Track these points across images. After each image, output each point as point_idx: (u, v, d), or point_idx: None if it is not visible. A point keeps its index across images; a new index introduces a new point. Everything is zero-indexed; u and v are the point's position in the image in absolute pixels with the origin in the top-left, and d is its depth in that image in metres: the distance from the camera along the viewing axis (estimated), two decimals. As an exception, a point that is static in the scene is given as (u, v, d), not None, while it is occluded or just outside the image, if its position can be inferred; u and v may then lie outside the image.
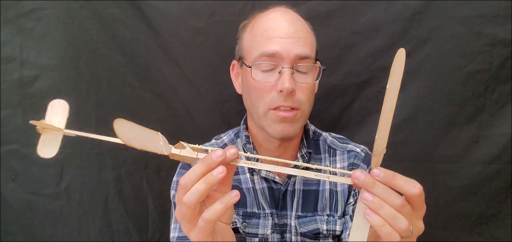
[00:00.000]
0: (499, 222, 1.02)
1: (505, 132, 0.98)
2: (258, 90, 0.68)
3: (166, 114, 1.06)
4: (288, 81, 0.64)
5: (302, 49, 0.67)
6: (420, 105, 1.00)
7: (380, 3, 0.97)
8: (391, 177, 0.44)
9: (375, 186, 0.44)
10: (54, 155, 0.47)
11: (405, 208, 0.44)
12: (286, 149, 0.76)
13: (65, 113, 0.48)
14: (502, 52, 0.95)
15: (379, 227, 0.44)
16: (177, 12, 1.00)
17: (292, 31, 0.67)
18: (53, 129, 0.47)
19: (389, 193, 0.44)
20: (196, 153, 0.48)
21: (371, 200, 0.44)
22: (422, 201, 0.45)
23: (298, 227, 0.74)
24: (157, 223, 1.09)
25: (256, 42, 0.69)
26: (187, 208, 0.45)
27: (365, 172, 0.45)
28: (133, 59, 1.03)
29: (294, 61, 0.66)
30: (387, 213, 0.43)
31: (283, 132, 0.68)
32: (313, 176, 0.48)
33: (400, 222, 0.43)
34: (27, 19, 1.00)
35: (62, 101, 0.49)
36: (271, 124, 0.68)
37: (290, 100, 0.66)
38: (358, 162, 0.78)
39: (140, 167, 1.08)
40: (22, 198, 1.07)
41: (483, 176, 1.00)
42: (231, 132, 0.83)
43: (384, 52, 0.99)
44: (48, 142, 0.47)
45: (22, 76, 1.02)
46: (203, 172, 0.45)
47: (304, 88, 0.68)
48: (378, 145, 0.45)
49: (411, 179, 0.45)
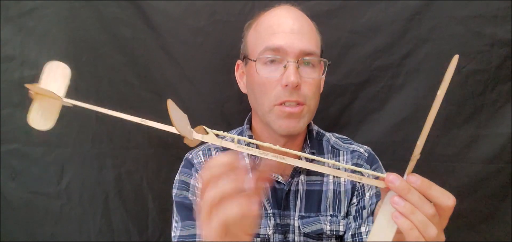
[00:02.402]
0: (498, 221, 1.02)
1: (504, 131, 0.98)
2: (263, 86, 0.68)
3: (166, 113, 1.05)
4: (293, 74, 0.64)
5: (307, 44, 0.67)
6: (419, 105, 1.00)
7: (380, 3, 0.98)
8: (428, 187, 0.44)
9: (410, 192, 0.43)
10: (50, 127, 0.39)
11: (435, 219, 0.43)
12: (289, 148, 0.75)
13: (66, 79, 0.40)
14: (501, 52, 0.95)
15: (407, 230, 0.42)
16: (177, 12, 1.00)
17: (296, 27, 0.67)
18: (50, 96, 0.39)
19: (423, 201, 0.43)
20: (220, 140, 0.44)
21: (403, 206, 0.43)
22: (450, 213, 0.44)
23: (301, 228, 0.74)
24: (157, 223, 1.09)
25: (261, 37, 0.69)
26: (209, 204, 0.42)
27: (400, 178, 0.44)
28: (133, 59, 1.03)
29: (299, 56, 0.66)
30: (419, 220, 0.42)
31: (289, 128, 0.67)
32: (345, 176, 0.47)
33: (431, 230, 0.42)
34: (27, 18, 1.00)
35: (63, 65, 0.40)
36: (277, 120, 0.67)
37: (295, 95, 0.65)
38: (361, 163, 0.77)
39: (140, 167, 1.08)
40: (22, 197, 1.07)
41: (482, 175, 1.00)
42: (234, 132, 0.83)
43: (383, 52, 0.99)
44: (43, 111, 0.39)
45: (23, 75, 1.02)
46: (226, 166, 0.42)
47: (310, 84, 0.67)
48: (418, 150, 0.45)
49: (446, 191, 0.44)
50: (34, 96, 0.39)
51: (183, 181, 0.75)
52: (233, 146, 0.45)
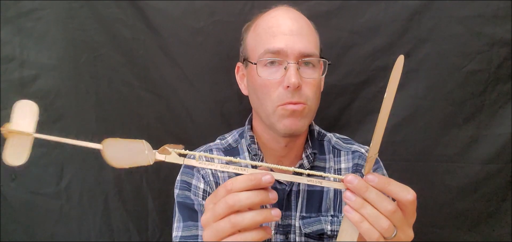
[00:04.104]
0: (498, 221, 1.02)
1: (504, 131, 0.98)
2: (265, 88, 0.68)
3: (166, 114, 1.06)
4: (294, 76, 0.64)
5: (306, 45, 0.67)
6: (419, 105, 1.00)
7: (380, 3, 0.98)
8: (385, 183, 0.45)
9: (368, 191, 0.45)
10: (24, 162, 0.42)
11: (397, 214, 0.44)
12: (291, 149, 0.76)
13: (34, 115, 0.43)
14: (501, 51, 0.95)
15: (358, 223, 0.45)
16: (177, 12, 1.00)
17: (295, 28, 0.67)
18: (21, 134, 0.42)
19: (381, 198, 0.44)
20: (183, 158, 0.48)
21: (354, 200, 0.45)
22: (414, 208, 0.46)
23: (303, 228, 0.74)
24: (157, 223, 1.09)
25: (261, 40, 0.69)
26: (228, 208, 0.45)
27: (358, 177, 0.45)
28: (132, 59, 1.03)
29: (299, 57, 0.66)
30: (369, 213, 0.44)
31: (292, 126, 0.67)
32: (305, 181, 0.48)
33: (383, 222, 0.44)
34: (27, 18, 1.00)
35: (30, 102, 0.43)
36: (281, 120, 0.68)
37: (297, 96, 0.66)
38: (362, 163, 0.77)
39: (140, 167, 1.07)
40: (22, 197, 1.07)
41: (482, 175, 1.00)
42: (236, 132, 0.83)
43: (383, 52, 0.99)
44: (16, 147, 0.42)
45: (22, 76, 1.02)
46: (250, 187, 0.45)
47: (310, 84, 0.68)
48: (372, 151, 0.46)
49: (405, 186, 0.45)
50: (7, 135, 0.42)
51: (185, 181, 0.75)
52: (195, 163, 0.49)
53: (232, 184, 0.45)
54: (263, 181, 0.45)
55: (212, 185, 0.74)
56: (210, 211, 0.47)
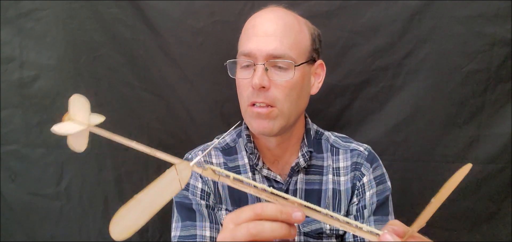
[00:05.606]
0: (499, 221, 1.02)
1: (505, 131, 0.98)
2: (239, 88, 0.71)
3: (166, 114, 1.06)
4: (258, 77, 0.65)
5: (276, 47, 0.66)
6: (420, 105, 1.00)
7: (380, 3, 0.98)
8: None
9: None
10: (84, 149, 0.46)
11: None
12: (286, 148, 0.76)
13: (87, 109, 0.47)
14: (501, 51, 0.95)
15: None
16: (177, 12, 1.00)
17: (271, 29, 0.67)
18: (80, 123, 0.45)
19: None
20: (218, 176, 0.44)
21: None
22: None
23: (301, 227, 0.74)
24: (157, 223, 1.09)
25: (241, 41, 0.72)
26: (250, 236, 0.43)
27: (394, 236, 0.45)
28: (132, 59, 1.03)
29: (267, 59, 0.67)
30: None
31: (259, 128, 0.69)
32: (338, 226, 0.46)
33: None
34: (26, 19, 1.00)
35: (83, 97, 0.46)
36: (250, 121, 0.70)
37: (262, 96, 0.67)
38: (361, 161, 0.77)
39: (140, 167, 1.08)
40: (22, 198, 1.07)
41: (483, 175, 1.00)
42: (233, 132, 0.83)
43: (383, 52, 0.99)
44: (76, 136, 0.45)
45: (22, 76, 1.02)
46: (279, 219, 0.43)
47: (281, 86, 0.67)
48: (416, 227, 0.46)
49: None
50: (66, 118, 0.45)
51: None
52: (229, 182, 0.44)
53: (262, 209, 0.43)
54: (293, 218, 0.43)
55: (210, 184, 0.74)
56: (229, 232, 0.44)
